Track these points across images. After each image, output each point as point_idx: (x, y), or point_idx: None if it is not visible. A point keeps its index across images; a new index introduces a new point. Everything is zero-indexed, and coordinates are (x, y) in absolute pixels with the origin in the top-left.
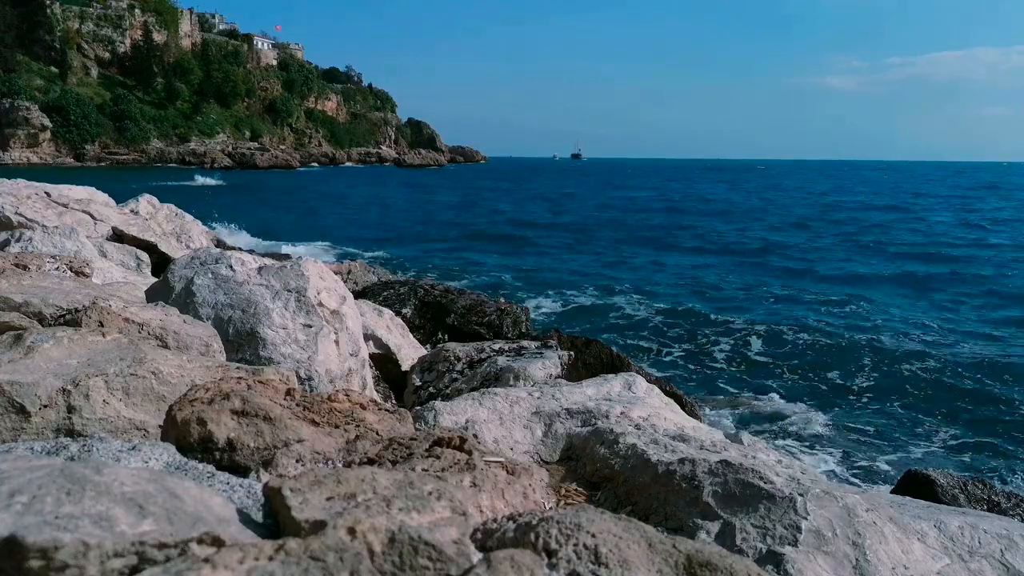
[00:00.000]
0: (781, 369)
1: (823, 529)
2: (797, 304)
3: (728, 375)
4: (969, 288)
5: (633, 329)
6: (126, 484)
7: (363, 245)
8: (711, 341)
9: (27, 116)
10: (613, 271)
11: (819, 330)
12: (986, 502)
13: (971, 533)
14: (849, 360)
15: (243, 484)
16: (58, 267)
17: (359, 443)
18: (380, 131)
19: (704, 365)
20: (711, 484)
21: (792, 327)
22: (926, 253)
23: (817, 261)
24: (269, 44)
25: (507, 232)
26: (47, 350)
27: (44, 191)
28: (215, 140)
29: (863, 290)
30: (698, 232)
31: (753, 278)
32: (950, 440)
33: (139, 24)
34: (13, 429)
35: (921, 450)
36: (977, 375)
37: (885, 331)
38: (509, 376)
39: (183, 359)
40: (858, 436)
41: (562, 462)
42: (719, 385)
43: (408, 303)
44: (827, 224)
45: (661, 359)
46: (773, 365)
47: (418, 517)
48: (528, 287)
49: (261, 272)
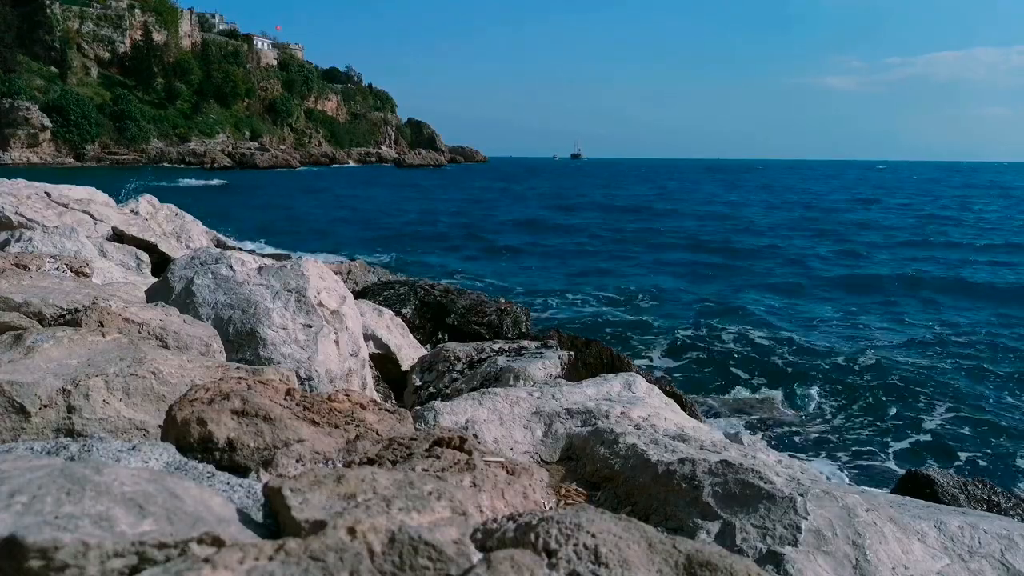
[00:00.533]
0: (781, 369)
1: (823, 529)
2: (798, 304)
3: (728, 375)
4: (970, 290)
5: (633, 329)
6: (126, 484)
7: (362, 246)
8: (711, 341)
9: (27, 116)
10: (613, 272)
11: (820, 331)
12: (986, 502)
13: (971, 533)
14: (849, 360)
15: (243, 484)
16: (58, 267)
17: (359, 443)
18: (380, 131)
19: (704, 365)
20: (711, 484)
21: (792, 327)
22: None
23: (812, 261)
24: (269, 44)
25: (505, 232)
26: (47, 350)
27: (44, 191)
28: (215, 140)
29: (864, 289)
30: (700, 232)
31: (752, 278)
32: (950, 440)
33: (139, 24)
34: (13, 429)
35: (921, 450)
36: (977, 375)
37: (885, 331)
38: (509, 376)
39: (183, 359)
40: (858, 436)
41: (562, 462)
42: (719, 385)
43: (408, 303)
44: (828, 223)
45: (661, 359)
46: (773, 365)
47: (418, 517)
48: (527, 288)
49: (261, 272)
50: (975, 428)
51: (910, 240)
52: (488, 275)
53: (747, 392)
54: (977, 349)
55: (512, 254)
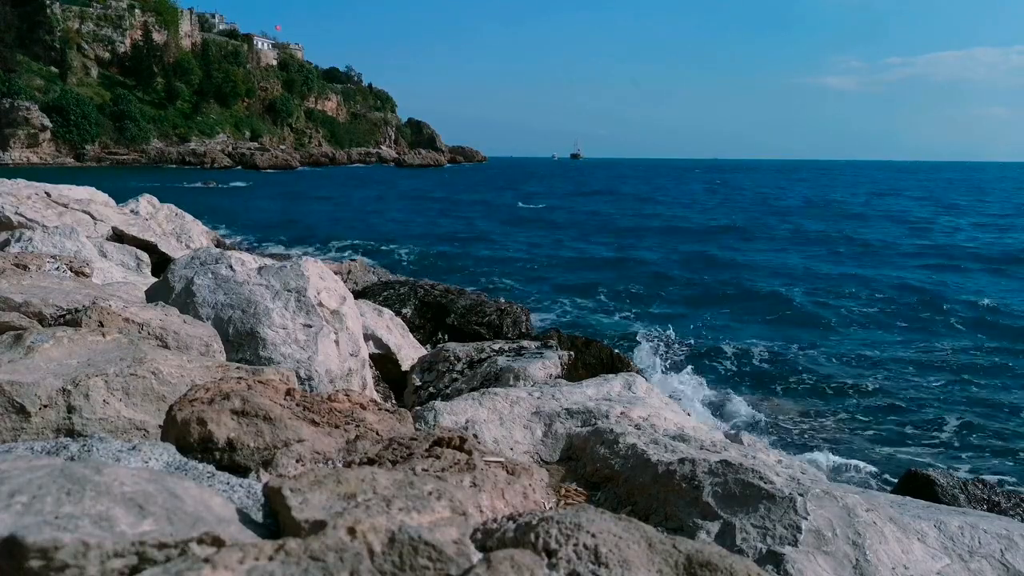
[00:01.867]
0: (781, 369)
1: (823, 529)
2: (799, 304)
3: (728, 375)
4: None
5: (633, 329)
6: (126, 484)
7: (363, 247)
8: (711, 341)
9: (27, 116)
10: (612, 271)
11: (820, 331)
12: (986, 502)
13: (971, 533)
14: (849, 361)
15: (243, 484)
16: (58, 267)
17: (359, 443)
18: (380, 131)
19: (704, 365)
20: (711, 484)
21: (793, 328)
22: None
23: (808, 259)
24: (269, 44)
25: (505, 231)
26: (47, 350)
27: (44, 191)
28: (215, 140)
29: (862, 290)
30: (703, 232)
31: (753, 278)
32: (950, 440)
33: (139, 24)
34: (13, 429)
35: (921, 450)
36: (978, 375)
37: (886, 332)
38: (509, 376)
39: (183, 359)
40: (858, 436)
41: (562, 462)
42: (720, 385)
43: (408, 303)
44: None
45: (661, 359)
46: (773, 365)
47: (418, 517)
48: (527, 287)
49: (261, 272)
50: (976, 428)
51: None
52: (488, 275)
53: (747, 392)
54: (977, 349)
55: (511, 254)
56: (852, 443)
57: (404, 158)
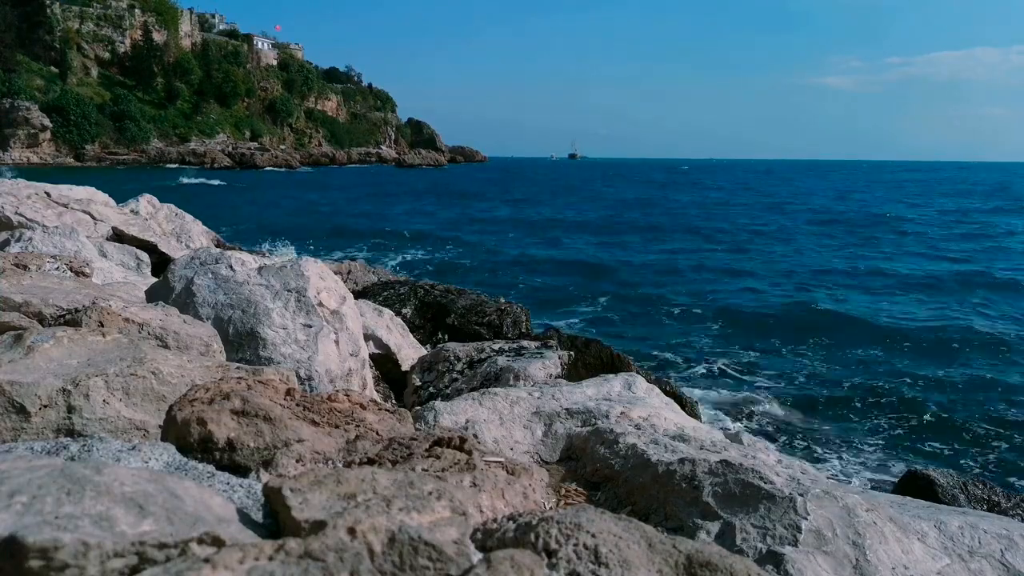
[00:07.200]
0: (781, 369)
1: (823, 529)
2: (799, 304)
3: (728, 375)
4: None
5: (633, 329)
6: (126, 484)
7: (363, 247)
8: (712, 341)
9: (27, 116)
10: (611, 272)
11: (820, 331)
12: (986, 502)
13: (971, 533)
14: (849, 361)
15: (243, 484)
16: (58, 267)
17: (359, 443)
18: (380, 131)
19: (704, 365)
20: (711, 484)
21: (793, 328)
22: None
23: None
24: (269, 44)
25: (505, 230)
26: (47, 350)
27: (44, 191)
28: (215, 140)
29: (864, 291)
30: (706, 231)
31: (753, 278)
32: (950, 440)
33: (139, 24)
34: (13, 429)
35: (921, 450)
36: (978, 375)
37: (885, 332)
38: (509, 376)
39: (183, 359)
40: (858, 436)
41: (562, 462)
42: (719, 385)
43: (408, 303)
44: (835, 224)
45: (661, 360)
46: (774, 365)
47: (418, 517)
48: (526, 287)
49: (261, 272)
50: (976, 428)
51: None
52: (487, 274)
53: (747, 392)
54: (977, 349)
55: (509, 253)
56: (852, 443)
57: (404, 158)
